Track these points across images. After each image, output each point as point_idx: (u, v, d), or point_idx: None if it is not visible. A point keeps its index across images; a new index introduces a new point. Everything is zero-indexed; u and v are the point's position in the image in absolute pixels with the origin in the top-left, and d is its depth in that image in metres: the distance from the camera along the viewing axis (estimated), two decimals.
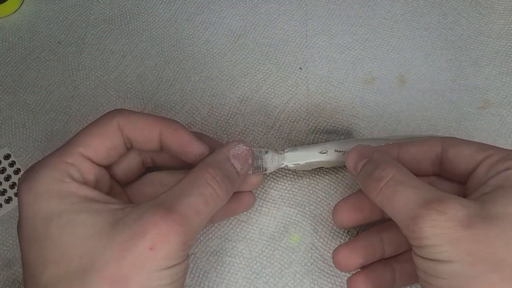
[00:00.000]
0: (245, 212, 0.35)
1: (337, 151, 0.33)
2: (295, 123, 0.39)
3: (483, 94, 0.40)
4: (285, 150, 0.33)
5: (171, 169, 0.32)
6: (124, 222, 0.23)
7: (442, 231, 0.22)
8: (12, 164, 0.38)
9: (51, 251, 0.23)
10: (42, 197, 0.24)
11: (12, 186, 0.38)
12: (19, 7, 0.46)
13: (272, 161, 0.31)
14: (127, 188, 0.31)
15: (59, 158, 0.25)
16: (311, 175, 0.37)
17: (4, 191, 0.37)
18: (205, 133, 0.39)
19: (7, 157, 0.39)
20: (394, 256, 0.31)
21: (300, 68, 0.42)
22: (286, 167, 0.33)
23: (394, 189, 0.25)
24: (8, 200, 0.37)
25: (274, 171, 0.34)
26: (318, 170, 0.36)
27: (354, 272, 0.31)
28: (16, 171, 0.38)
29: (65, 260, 0.23)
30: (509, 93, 0.40)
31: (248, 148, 0.28)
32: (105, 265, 0.22)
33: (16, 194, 0.37)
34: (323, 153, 0.33)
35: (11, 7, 0.45)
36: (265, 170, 0.31)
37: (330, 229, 0.35)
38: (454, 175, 0.29)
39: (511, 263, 0.22)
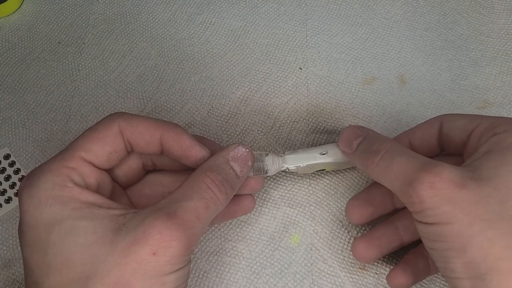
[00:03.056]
0: None
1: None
2: (295, 123, 0.39)
3: (483, 94, 0.40)
4: (285, 153, 0.33)
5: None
6: (126, 228, 0.23)
7: (438, 192, 0.23)
8: (12, 164, 0.38)
9: (53, 258, 0.23)
10: (44, 203, 0.24)
11: (12, 186, 0.38)
12: (19, 7, 0.46)
13: (273, 163, 0.31)
14: (128, 189, 0.31)
15: (60, 163, 0.25)
16: (311, 175, 0.37)
17: (4, 191, 0.37)
18: (205, 133, 0.39)
19: (7, 157, 0.39)
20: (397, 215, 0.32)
21: (300, 68, 0.42)
22: (287, 170, 0.33)
23: (391, 160, 0.26)
24: (8, 200, 0.37)
25: (274, 174, 0.34)
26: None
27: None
28: (16, 171, 0.38)
29: (67, 267, 0.23)
30: (509, 93, 0.40)
31: (247, 150, 0.28)
32: (108, 271, 0.22)
33: (16, 194, 0.37)
34: (324, 154, 0.33)
35: (11, 7, 0.45)
36: (266, 172, 0.31)
37: (330, 229, 0.35)
38: (452, 149, 0.30)
39: (507, 218, 0.22)
